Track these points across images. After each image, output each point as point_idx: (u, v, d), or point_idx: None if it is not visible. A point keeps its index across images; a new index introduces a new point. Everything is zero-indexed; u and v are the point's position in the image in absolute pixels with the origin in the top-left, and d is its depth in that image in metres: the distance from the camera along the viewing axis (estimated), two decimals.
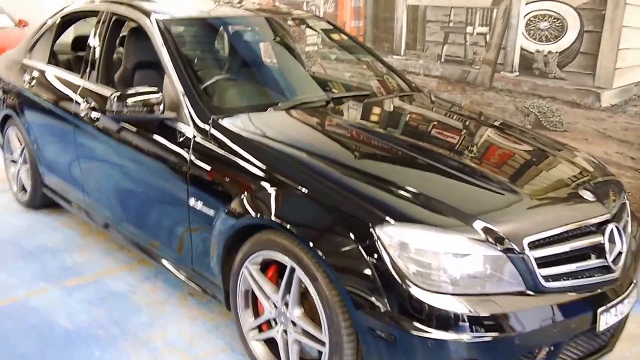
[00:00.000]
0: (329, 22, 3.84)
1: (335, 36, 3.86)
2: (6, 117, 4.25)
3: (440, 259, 1.90)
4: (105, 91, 3.19)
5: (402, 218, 1.98)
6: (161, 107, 2.68)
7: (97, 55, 3.35)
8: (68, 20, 3.90)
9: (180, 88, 2.73)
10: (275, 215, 2.19)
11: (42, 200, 4.15)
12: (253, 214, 2.27)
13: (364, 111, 3.00)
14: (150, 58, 3.49)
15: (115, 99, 2.67)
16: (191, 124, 2.63)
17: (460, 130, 2.92)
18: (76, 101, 3.34)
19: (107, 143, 3.10)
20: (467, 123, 3.05)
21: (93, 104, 3.21)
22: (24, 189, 4.26)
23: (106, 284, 3.25)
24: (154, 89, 2.73)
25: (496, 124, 3.03)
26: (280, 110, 2.80)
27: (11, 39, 8.44)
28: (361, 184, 2.15)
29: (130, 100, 2.66)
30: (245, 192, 2.32)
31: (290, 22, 3.61)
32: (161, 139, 2.74)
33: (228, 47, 3.40)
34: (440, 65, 5.22)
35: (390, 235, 1.94)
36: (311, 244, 2.05)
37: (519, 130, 2.98)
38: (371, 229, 1.96)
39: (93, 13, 3.62)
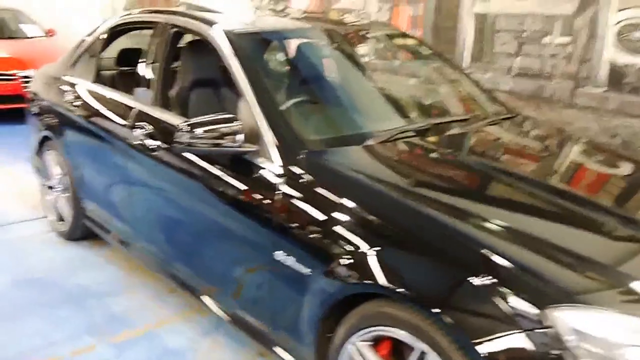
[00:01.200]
0: (406, 35, 3.39)
1: (412, 49, 3.41)
2: (44, 139, 3.85)
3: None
4: (165, 116, 2.77)
5: (580, 299, 1.52)
6: (239, 137, 2.24)
7: (152, 73, 2.93)
8: (116, 32, 3.48)
9: (261, 115, 2.29)
10: (400, 285, 1.73)
11: (82, 231, 3.75)
12: (363, 279, 1.82)
13: (476, 142, 2.55)
14: (209, 76, 3.09)
15: (187, 128, 2.24)
16: (277, 160, 2.19)
17: (601, 168, 2.45)
18: (128, 126, 2.92)
19: (167, 176, 2.67)
20: (604, 158, 2.58)
21: (149, 130, 2.78)
22: (62, 218, 3.86)
23: (160, 338, 2.81)
24: (230, 115, 2.29)
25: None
26: (381, 141, 2.34)
27: (40, 49, 8.11)
28: (516, 248, 1.69)
29: (200, 130, 2.23)
30: (352, 250, 1.87)
31: (370, 35, 3.16)
32: (237, 175, 2.31)
33: (304, 64, 2.95)
34: (510, 79, 4.74)
35: (566, 321, 1.48)
36: (450, 325, 1.59)
37: None
38: (539, 311, 1.50)
39: (147, 25, 3.20)
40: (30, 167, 4.33)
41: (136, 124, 2.88)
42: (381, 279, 1.78)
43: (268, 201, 2.15)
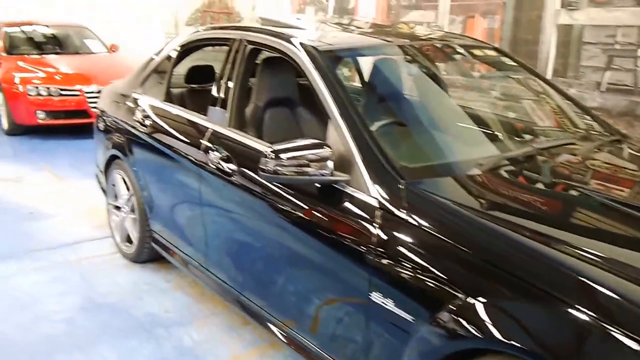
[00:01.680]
0: (496, 49, 3.12)
1: (502, 64, 3.14)
2: (112, 158, 3.76)
3: None
4: (243, 139, 2.59)
5: None
6: (329, 165, 2.03)
7: (228, 92, 2.77)
8: (187, 49, 3.35)
9: (351, 141, 2.08)
10: (521, 339, 1.48)
11: (148, 254, 3.62)
12: (475, 332, 1.58)
13: (589, 170, 2.26)
14: (288, 95, 2.92)
15: (273, 155, 2.05)
16: (373, 191, 1.97)
17: None
18: (203, 148, 2.76)
19: (245, 201, 2.49)
20: None
21: (225, 153, 2.61)
22: (128, 240, 3.75)
23: None
24: (317, 140, 2.09)
25: None
26: (485, 170, 2.09)
27: (104, 64, 8.20)
28: None
29: (286, 156, 2.03)
30: (461, 298, 1.63)
31: (456, 49, 2.90)
32: (326, 205, 2.10)
33: (388, 83, 2.73)
34: (599, 95, 4.40)
35: None
36: None
37: None
38: None
39: (221, 41, 3.06)
40: (96, 184, 4.27)
41: (211, 145, 2.72)
42: (498, 333, 1.54)
43: (363, 237, 1.93)
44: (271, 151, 2.06)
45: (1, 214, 4.57)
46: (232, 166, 2.54)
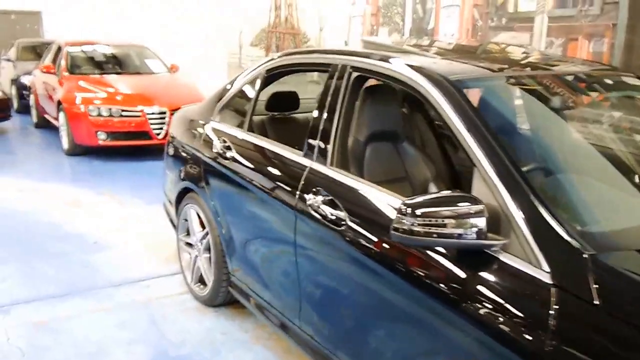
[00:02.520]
0: None
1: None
2: (185, 190, 3.45)
3: None
4: (354, 182, 2.21)
5: None
6: (481, 224, 1.62)
7: (331, 126, 2.40)
8: (275, 74, 3.01)
9: (507, 195, 1.67)
10: None
11: (223, 298, 3.28)
12: None
13: None
14: (390, 127, 2.54)
15: (409, 211, 1.65)
16: (543, 262, 1.54)
17: None
18: (300, 190, 2.39)
19: (358, 258, 2.09)
20: None
21: (328, 197, 2.23)
22: (201, 281, 3.41)
23: None
24: (463, 193, 1.69)
25: None
26: None
27: (165, 85, 8.05)
28: None
29: (424, 212, 1.64)
30: None
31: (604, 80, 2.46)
32: (473, 275, 1.68)
33: (532, 120, 2.30)
34: None
35: None
36: None
37: None
38: None
39: (318, 67, 2.71)
40: (162, 211, 3.98)
41: (309, 187, 2.34)
42: None
43: (531, 323, 1.50)
44: (406, 206, 1.66)
45: (64, 243, 4.33)
46: (340, 214, 2.16)
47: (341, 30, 7.43)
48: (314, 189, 2.32)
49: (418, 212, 1.65)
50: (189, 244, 3.50)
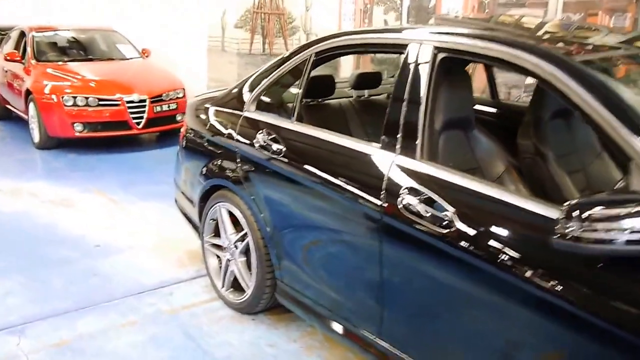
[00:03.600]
0: None
1: None
2: (214, 188, 3.12)
3: None
4: (459, 179, 1.96)
5: None
6: None
7: (417, 114, 2.13)
8: (326, 57, 2.71)
9: None
10: None
11: (265, 306, 2.99)
12: None
13: None
14: (464, 113, 2.32)
15: (577, 214, 1.42)
16: None
17: None
18: (386, 189, 2.12)
19: (471, 267, 1.85)
20: None
21: (425, 196, 1.98)
22: (236, 286, 3.11)
23: None
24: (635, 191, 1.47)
25: None
26: None
27: (141, 71, 7.55)
28: None
29: (597, 216, 1.41)
30: None
31: None
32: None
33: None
34: None
35: None
36: None
37: None
38: None
39: (386, 47, 2.44)
40: (161, 205, 3.64)
41: (398, 184, 2.08)
42: None
43: None
44: (574, 208, 1.43)
45: (64, 248, 3.92)
46: (447, 214, 1.90)
47: (330, 10, 7.11)
48: (406, 187, 2.06)
49: (593, 215, 1.41)
50: (219, 247, 3.18)
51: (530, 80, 6.66)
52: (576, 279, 1.58)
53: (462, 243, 1.86)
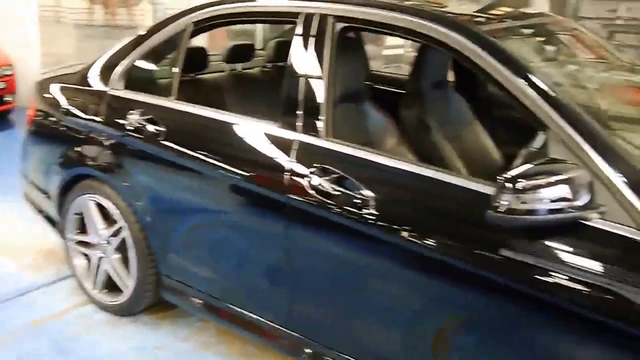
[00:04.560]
0: None
1: None
2: (77, 178, 2.74)
3: None
4: (377, 158, 1.87)
5: None
6: (589, 193, 1.43)
7: (318, 89, 2.00)
8: (205, 27, 2.45)
9: (601, 161, 1.49)
10: None
11: (146, 305, 2.71)
12: None
13: None
14: (358, 86, 2.25)
15: (511, 186, 1.40)
16: None
17: None
18: (291, 173, 1.97)
19: (391, 248, 1.78)
20: None
21: (336, 175, 1.87)
22: (111, 287, 2.77)
23: None
24: (567, 161, 1.48)
25: None
26: None
27: None
28: None
29: (527, 185, 1.40)
30: None
31: None
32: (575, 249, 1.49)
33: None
34: None
35: None
36: None
37: None
38: None
39: (276, 16, 2.25)
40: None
41: (305, 166, 1.94)
42: None
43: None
44: (508, 180, 1.40)
45: None
46: (364, 195, 1.81)
47: None
48: (315, 167, 1.92)
49: (521, 186, 1.40)
50: (87, 244, 2.81)
51: (388, 52, 6.84)
52: (499, 249, 1.58)
53: (378, 221, 1.78)
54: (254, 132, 2.13)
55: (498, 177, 1.44)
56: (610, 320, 1.42)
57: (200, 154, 2.23)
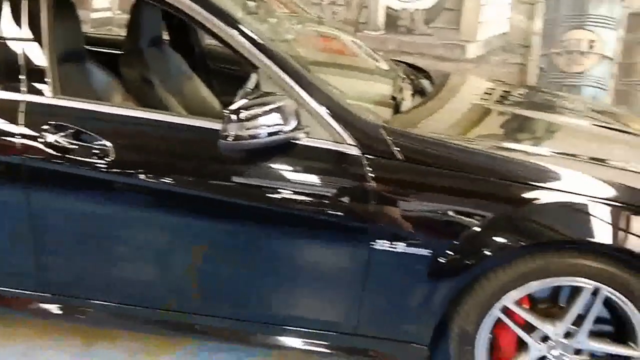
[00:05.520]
0: None
1: None
2: None
3: None
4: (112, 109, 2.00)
5: None
6: (297, 118, 1.81)
7: (39, 50, 1.99)
8: None
9: (306, 95, 1.87)
10: None
11: None
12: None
13: None
14: (76, 44, 2.35)
15: (234, 117, 1.69)
16: (349, 139, 1.86)
17: None
18: (22, 136, 1.95)
19: (137, 192, 1.93)
20: None
21: (70, 131, 1.93)
22: None
23: None
24: (277, 93, 1.83)
25: None
26: None
27: None
28: None
29: (248, 115, 1.73)
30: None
31: None
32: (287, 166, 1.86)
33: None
34: None
35: None
36: None
37: None
38: None
39: None
40: None
41: (38, 124, 1.95)
42: None
43: (352, 187, 1.84)
44: (233, 112, 1.69)
45: None
46: (105, 146, 1.91)
47: None
48: (48, 125, 1.94)
49: (243, 116, 1.69)
50: None
51: (97, 15, 6.52)
52: (231, 177, 1.88)
53: (120, 168, 1.92)
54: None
55: (224, 110, 1.71)
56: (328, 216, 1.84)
57: None
